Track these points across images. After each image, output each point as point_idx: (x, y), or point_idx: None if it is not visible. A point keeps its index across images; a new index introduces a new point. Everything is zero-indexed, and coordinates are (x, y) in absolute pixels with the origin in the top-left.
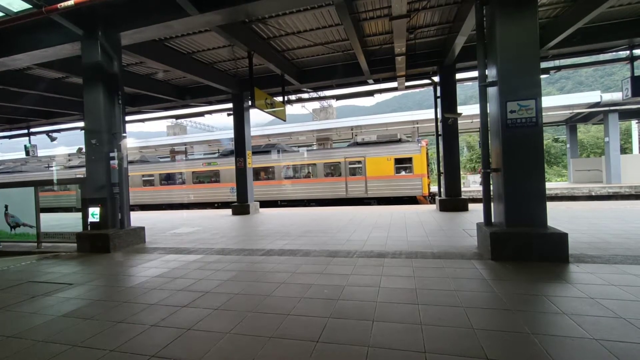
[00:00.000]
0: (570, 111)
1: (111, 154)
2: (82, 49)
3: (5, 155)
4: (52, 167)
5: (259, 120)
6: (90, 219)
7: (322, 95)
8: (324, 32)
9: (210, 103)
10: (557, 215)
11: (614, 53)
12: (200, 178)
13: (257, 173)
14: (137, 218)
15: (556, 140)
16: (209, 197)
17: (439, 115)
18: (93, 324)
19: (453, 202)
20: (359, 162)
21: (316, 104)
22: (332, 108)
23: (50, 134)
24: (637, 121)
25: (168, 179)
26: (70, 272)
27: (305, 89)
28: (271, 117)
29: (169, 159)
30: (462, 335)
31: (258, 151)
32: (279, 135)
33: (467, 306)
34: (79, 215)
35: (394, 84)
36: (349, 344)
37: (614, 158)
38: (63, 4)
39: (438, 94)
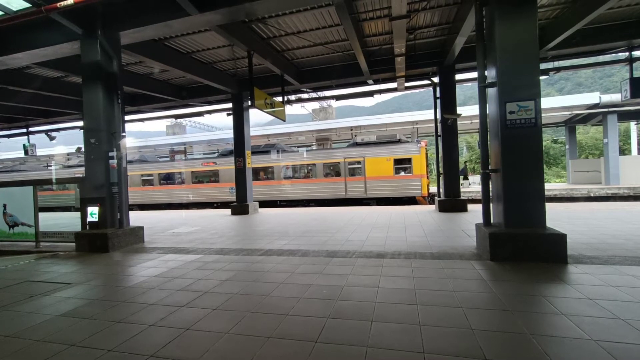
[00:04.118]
0: (570, 112)
1: (110, 154)
2: (81, 48)
3: (4, 154)
4: (50, 166)
5: (258, 120)
6: (89, 219)
7: (321, 96)
8: (324, 32)
9: (210, 103)
10: (556, 216)
11: (613, 54)
12: (199, 178)
13: (257, 173)
14: (136, 217)
15: (555, 141)
16: (208, 197)
17: (439, 116)
18: (91, 323)
19: (452, 202)
20: (359, 162)
21: (316, 104)
22: (331, 108)
23: (49, 133)
24: (635, 122)
25: (167, 178)
26: (69, 271)
27: (304, 89)
28: (271, 117)
29: (168, 159)
30: (461, 336)
31: (257, 151)
32: (279, 135)
33: (466, 307)
34: (78, 214)
35: (394, 85)
36: (348, 344)
37: (612, 159)
38: (62, 3)
39: (437, 94)
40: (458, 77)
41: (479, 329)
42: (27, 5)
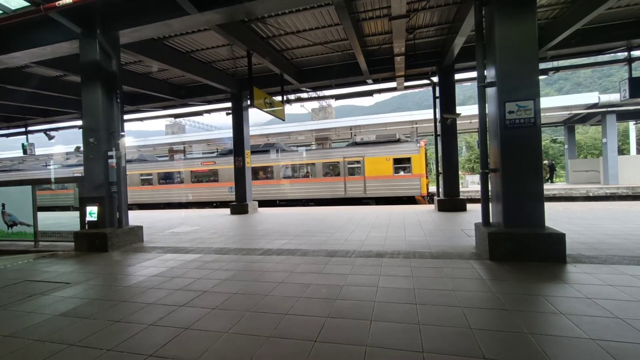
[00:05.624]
0: (569, 112)
1: (109, 153)
2: (80, 47)
3: (3, 153)
4: (49, 165)
5: (257, 119)
6: (88, 218)
7: (321, 95)
8: (324, 32)
9: (209, 102)
10: (555, 216)
11: (612, 54)
12: (198, 177)
13: (256, 172)
14: (135, 217)
15: (554, 140)
16: (207, 196)
17: (438, 116)
18: (90, 323)
19: (451, 202)
20: (358, 162)
21: (315, 104)
22: (331, 108)
23: (48, 132)
24: (634, 122)
25: (166, 178)
26: (68, 271)
27: (304, 89)
28: (270, 117)
29: (167, 158)
30: (460, 335)
31: (257, 151)
32: (278, 135)
33: (465, 306)
34: (77, 214)
35: (393, 84)
36: (347, 344)
37: (611, 159)
38: (61, 2)
39: (437, 94)
40: (457, 76)
41: (478, 329)
42: (26, 4)
